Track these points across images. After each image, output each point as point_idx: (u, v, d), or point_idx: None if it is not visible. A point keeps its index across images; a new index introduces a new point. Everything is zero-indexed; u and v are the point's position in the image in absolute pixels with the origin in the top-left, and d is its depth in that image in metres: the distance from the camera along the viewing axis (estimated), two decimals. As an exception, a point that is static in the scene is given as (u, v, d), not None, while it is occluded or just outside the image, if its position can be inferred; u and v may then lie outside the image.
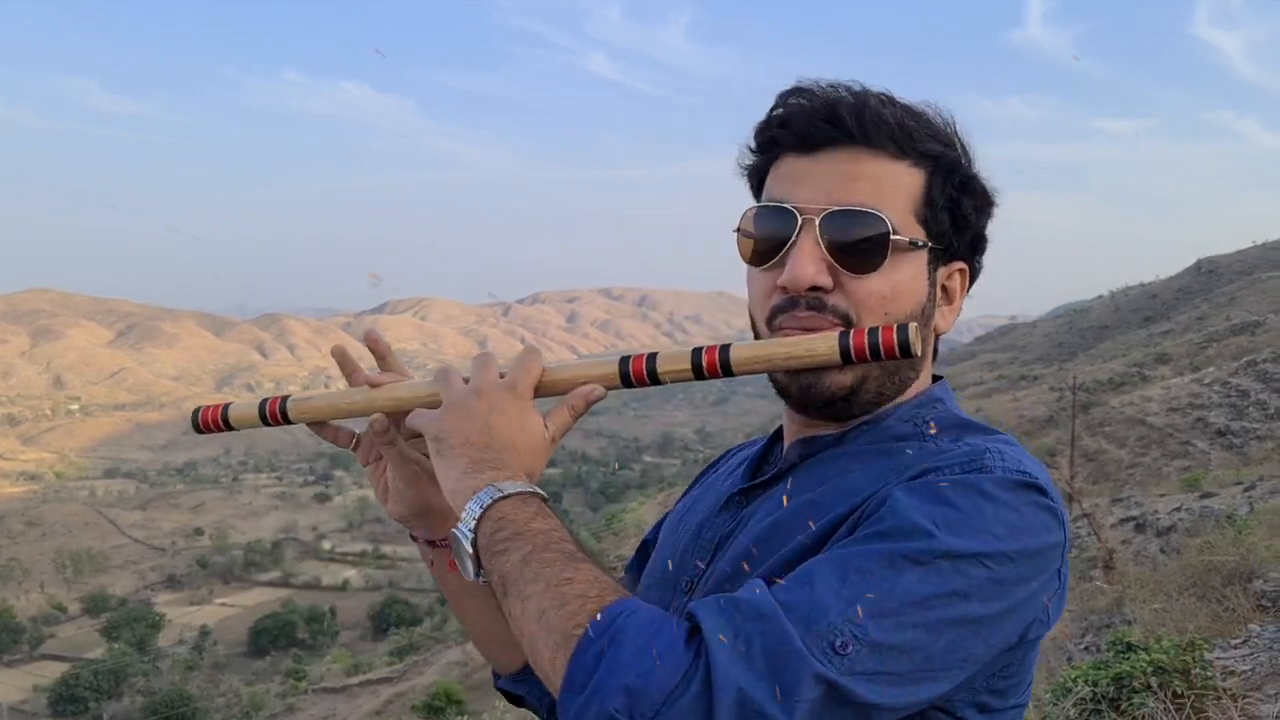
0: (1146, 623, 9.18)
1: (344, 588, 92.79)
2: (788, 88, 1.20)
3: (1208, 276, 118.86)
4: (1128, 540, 18.61)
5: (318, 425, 1.33)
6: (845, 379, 1.16)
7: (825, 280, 1.13)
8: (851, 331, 1.10)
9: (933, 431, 1.18)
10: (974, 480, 1.04)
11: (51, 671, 60.98)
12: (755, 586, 0.98)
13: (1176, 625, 8.48)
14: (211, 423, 1.35)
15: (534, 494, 1.08)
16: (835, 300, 1.14)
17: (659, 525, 1.52)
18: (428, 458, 1.21)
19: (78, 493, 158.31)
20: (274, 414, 1.31)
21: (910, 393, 1.23)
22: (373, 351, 1.33)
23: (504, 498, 1.05)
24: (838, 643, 0.92)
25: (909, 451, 1.15)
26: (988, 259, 1.27)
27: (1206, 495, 21.93)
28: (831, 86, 1.17)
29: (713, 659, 0.90)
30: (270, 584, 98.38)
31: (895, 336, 1.08)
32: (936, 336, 1.25)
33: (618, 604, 0.96)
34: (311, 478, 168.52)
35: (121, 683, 51.84)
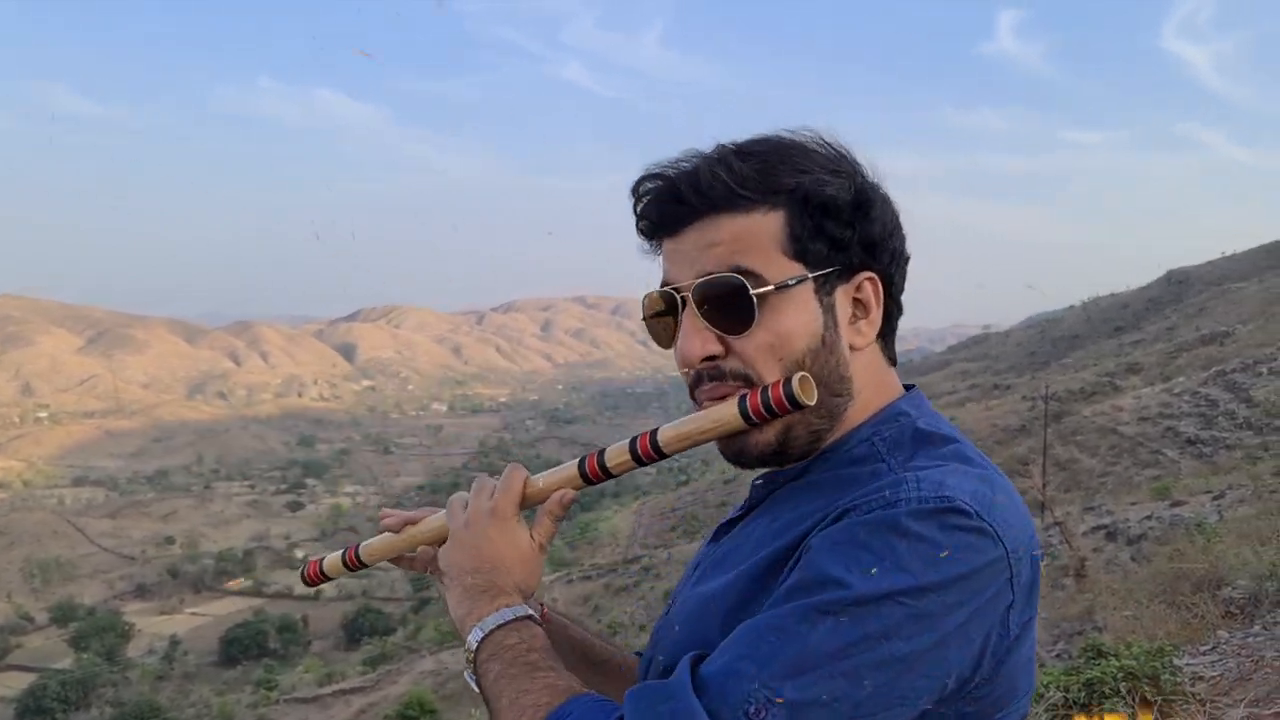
0: (1117, 629, 9.26)
1: (316, 597, 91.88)
2: (637, 178, 1.24)
3: (1178, 287, 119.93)
4: (1099, 548, 18.75)
5: (394, 561, 1.48)
6: (768, 436, 1.19)
7: (714, 349, 1.18)
8: (747, 395, 1.14)
9: (888, 450, 1.18)
10: (885, 517, 1.03)
11: (18, 682, 60.29)
12: (681, 665, 1.03)
13: (1146, 632, 8.56)
14: (314, 576, 1.57)
15: (515, 619, 1.19)
16: (730, 364, 1.18)
17: None
18: None
19: (46, 501, 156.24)
20: (353, 561, 1.51)
21: (871, 409, 1.23)
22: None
23: (487, 635, 1.17)
24: (751, 709, 0.94)
25: (862, 478, 1.15)
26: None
27: (1176, 504, 22.11)
28: (672, 164, 1.21)
29: None
30: (242, 593, 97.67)
31: (783, 392, 1.12)
32: (855, 350, 1.23)
33: (562, 706, 1.06)
34: (284, 486, 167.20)
35: (90, 693, 51.33)
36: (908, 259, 1.27)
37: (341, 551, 1.53)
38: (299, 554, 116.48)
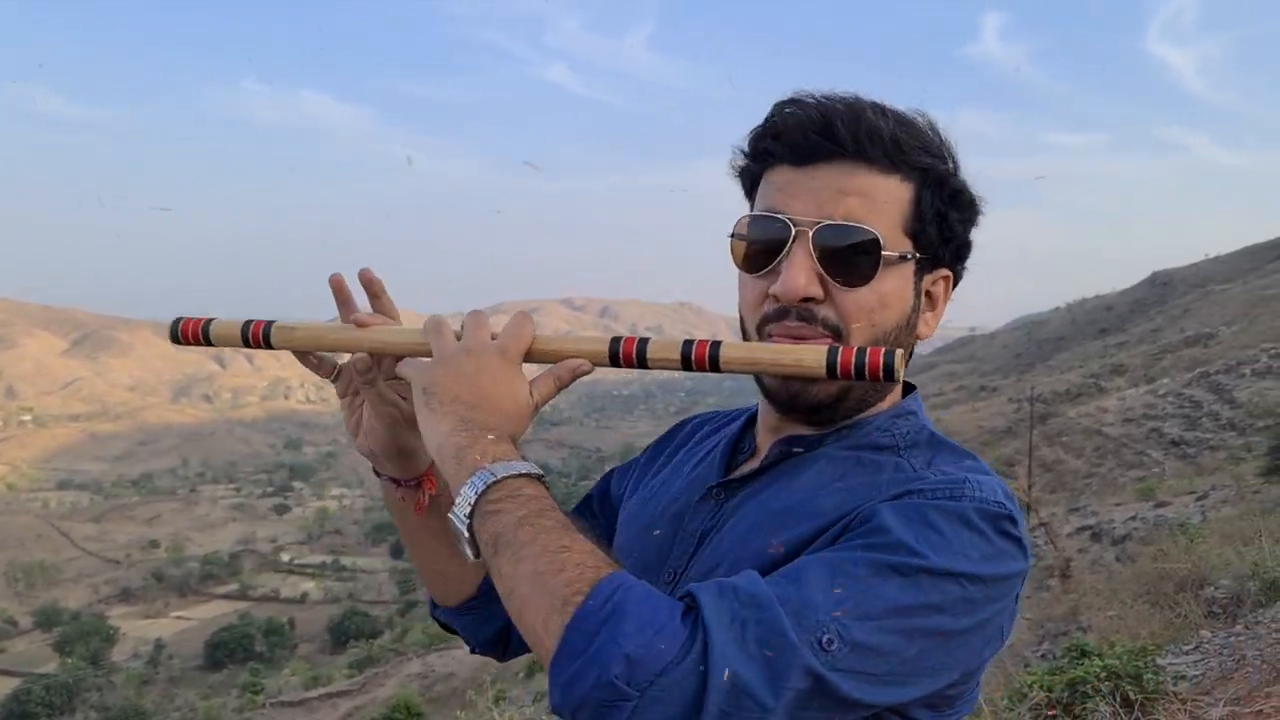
0: (1101, 629, 9.32)
1: (303, 600, 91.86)
2: (784, 98, 1.21)
3: (1162, 289, 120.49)
4: (1084, 549, 18.88)
5: (301, 354, 1.33)
6: (831, 389, 1.21)
7: (816, 291, 1.17)
8: (840, 349, 1.11)
9: (906, 446, 1.23)
10: (954, 507, 1.09)
11: (2, 686, 59.75)
12: (751, 576, 1.02)
13: (1130, 632, 8.61)
14: (191, 335, 1.32)
15: (532, 474, 1.10)
16: (825, 312, 1.18)
17: (604, 482, 1.61)
18: (405, 400, 1.29)
19: (30, 504, 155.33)
20: (256, 336, 1.29)
21: (886, 401, 1.28)
22: (367, 290, 1.33)
23: (497, 481, 1.07)
24: (824, 639, 0.97)
25: (886, 467, 1.20)
26: (972, 265, 1.31)
27: (1160, 504, 22.28)
28: (826, 98, 1.19)
29: (710, 638, 0.94)
30: (227, 596, 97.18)
31: (881, 360, 1.09)
32: (919, 340, 1.29)
33: (616, 575, 0.99)
34: (270, 489, 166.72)
35: (74, 698, 50.99)
36: (964, 273, 1.31)
37: (245, 321, 1.30)
38: (285, 557, 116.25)
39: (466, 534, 1.08)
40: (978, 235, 1.27)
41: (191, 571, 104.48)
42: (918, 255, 1.21)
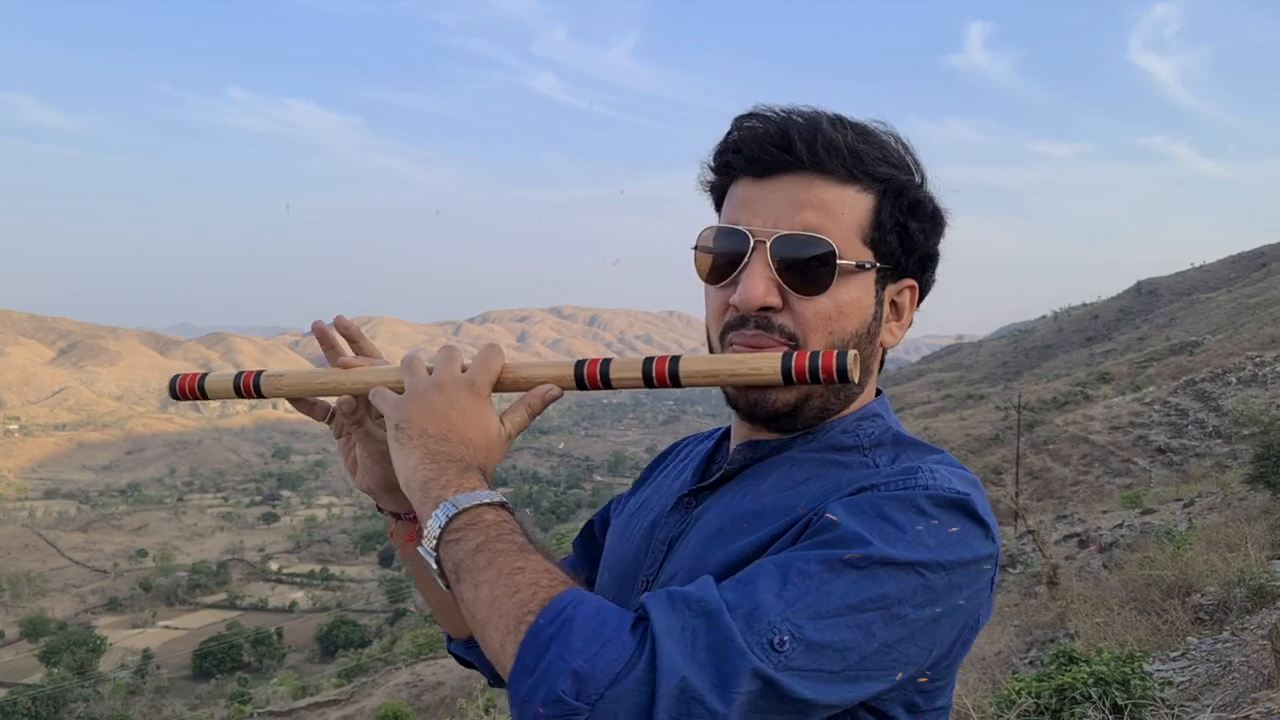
0: (1089, 636, 9.35)
1: (291, 609, 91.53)
2: (744, 112, 1.24)
3: (1148, 297, 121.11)
4: (1071, 556, 18.91)
5: (293, 400, 1.38)
6: (789, 396, 1.22)
7: (774, 300, 1.19)
8: (794, 354, 1.14)
9: (871, 446, 1.24)
10: (909, 496, 1.10)
11: (-12, 697, 59.55)
12: (704, 584, 1.03)
13: (1117, 638, 8.65)
14: (188, 390, 1.39)
15: (494, 502, 1.12)
16: (783, 320, 1.20)
17: (606, 508, 1.62)
18: None
19: (17, 514, 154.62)
20: (248, 387, 1.36)
21: (853, 406, 1.29)
22: (344, 335, 1.39)
23: (460, 512, 1.09)
24: (775, 640, 0.97)
25: (849, 466, 1.21)
26: (940, 276, 1.32)
27: (1147, 512, 22.36)
28: (785, 112, 1.22)
29: (659, 648, 0.95)
30: (215, 606, 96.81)
31: (835, 362, 1.11)
32: (884, 351, 1.31)
33: (568, 593, 1.01)
34: (258, 498, 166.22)
35: (61, 709, 50.62)
36: (932, 283, 1.33)
37: (236, 373, 1.38)
38: (274, 566, 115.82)
39: (435, 566, 1.10)
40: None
41: (179, 581, 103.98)
42: (878, 265, 1.22)
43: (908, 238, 1.24)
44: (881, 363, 1.34)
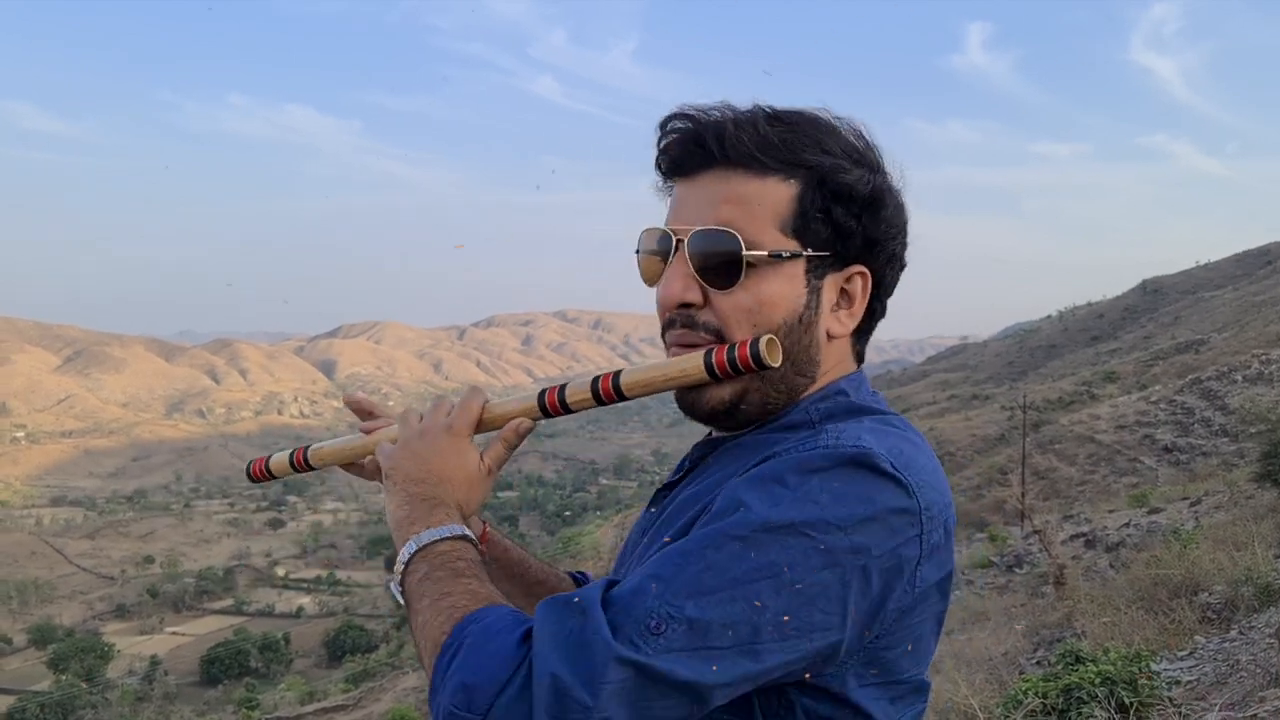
0: (1096, 636, 9.33)
1: (298, 615, 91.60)
2: (667, 115, 1.25)
3: (1153, 296, 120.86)
4: (1078, 556, 18.85)
5: (343, 465, 1.52)
6: (724, 393, 1.21)
7: (694, 297, 1.20)
8: (714, 350, 1.17)
9: (821, 419, 1.21)
10: (802, 458, 1.08)
11: (-4, 705, 59.64)
12: (595, 586, 1.05)
13: (1125, 638, 8.64)
14: (259, 473, 1.60)
15: (452, 536, 1.18)
16: (705, 316, 1.20)
17: None
18: None
19: (24, 521, 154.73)
20: (300, 462, 1.55)
21: (815, 388, 1.26)
22: (356, 411, 1.53)
23: (420, 548, 1.16)
24: (652, 624, 0.98)
25: (785, 441, 1.17)
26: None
27: (1154, 511, 22.27)
28: (699, 110, 1.22)
29: (534, 650, 0.99)
30: (223, 612, 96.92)
31: (749, 350, 1.14)
32: (832, 338, 1.25)
33: (481, 610, 1.07)
34: (264, 503, 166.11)
35: (69, 716, 50.80)
36: (904, 265, 1.30)
37: (290, 451, 1.57)
38: (280, 572, 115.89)
39: (400, 600, 1.17)
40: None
41: (186, 587, 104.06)
42: (806, 254, 1.20)
43: (838, 224, 1.21)
44: (861, 354, 1.32)
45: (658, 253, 1.25)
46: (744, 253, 1.17)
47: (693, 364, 1.18)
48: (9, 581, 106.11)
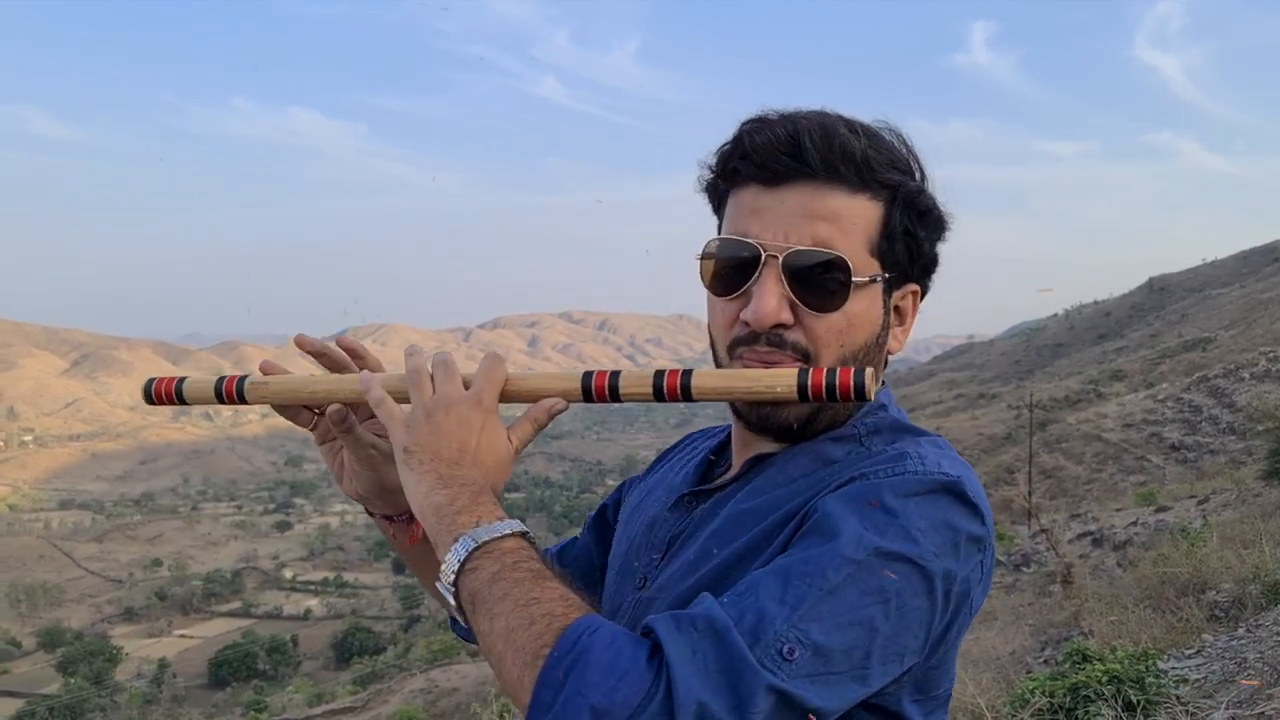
0: (1103, 634, 9.32)
1: (306, 617, 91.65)
2: (751, 115, 1.20)
3: (1159, 294, 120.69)
4: (1085, 555, 18.85)
5: (278, 407, 1.30)
6: (802, 411, 1.20)
7: (787, 318, 1.16)
8: (810, 371, 1.11)
9: (868, 434, 1.22)
10: (895, 484, 1.08)
11: (6, 708, 59.69)
12: (708, 602, 1.00)
13: (1132, 636, 8.63)
14: (165, 395, 1.30)
15: (514, 532, 1.08)
16: (795, 336, 1.16)
17: (620, 490, 1.60)
18: (383, 438, 1.27)
19: (32, 525, 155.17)
20: (230, 393, 1.27)
21: None
22: (347, 352, 1.33)
23: (478, 546, 1.05)
24: (785, 649, 0.95)
25: (844, 455, 1.19)
26: (943, 278, 1.29)
27: (1161, 509, 22.24)
28: (794, 116, 1.17)
29: (673, 676, 0.92)
30: (230, 614, 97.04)
31: (852, 380, 1.08)
32: (889, 355, 1.28)
33: (581, 621, 0.98)
34: (271, 506, 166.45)
35: (78, 718, 50.94)
36: (931, 286, 1.30)
37: (219, 379, 1.29)
38: (288, 574, 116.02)
39: (454, 602, 1.07)
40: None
41: (194, 590, 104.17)
42: (886, 275, 1.19)
43: (915, 245, 1.21)
44: (885, 364, 1.31)
45: (735, 263, 1.19)
46: (854, 277, 1.15)
47: (784, 383, 1.11)
48: (18, 585, 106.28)
